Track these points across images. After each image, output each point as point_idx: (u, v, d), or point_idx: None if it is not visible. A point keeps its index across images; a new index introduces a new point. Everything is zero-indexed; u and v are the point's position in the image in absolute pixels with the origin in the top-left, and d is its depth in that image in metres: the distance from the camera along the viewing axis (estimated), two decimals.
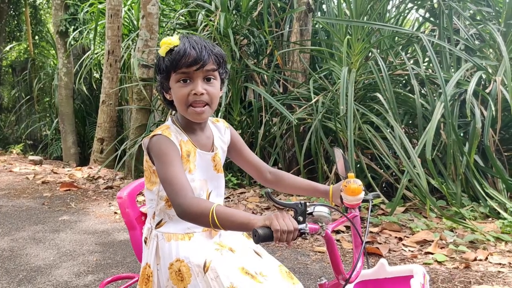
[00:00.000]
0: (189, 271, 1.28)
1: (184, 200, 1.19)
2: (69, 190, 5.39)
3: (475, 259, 3.02)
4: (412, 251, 3.22)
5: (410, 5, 5.87)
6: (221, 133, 1.51)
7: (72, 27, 8.32)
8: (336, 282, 1.29)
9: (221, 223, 1.12)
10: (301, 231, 1.06)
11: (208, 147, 1.44)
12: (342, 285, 1.25)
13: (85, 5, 8.06)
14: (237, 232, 1.48)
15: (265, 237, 1.02)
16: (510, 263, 2.94)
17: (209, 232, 1.40)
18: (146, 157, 1.38)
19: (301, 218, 1.07)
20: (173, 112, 1.46)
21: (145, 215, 1.53)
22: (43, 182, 5.81)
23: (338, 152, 1.45)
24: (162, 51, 1.34)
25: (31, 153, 9.83)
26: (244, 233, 1.48)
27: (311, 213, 1.17)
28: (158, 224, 1.39)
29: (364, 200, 1.41)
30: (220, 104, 4.77)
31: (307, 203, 1.10)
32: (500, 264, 2.94)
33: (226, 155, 1.56)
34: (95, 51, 8.21)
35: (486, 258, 3.04)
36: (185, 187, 1.22)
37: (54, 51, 10.70)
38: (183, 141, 1.36)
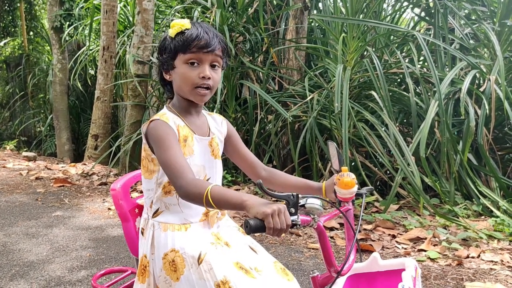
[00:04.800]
0: (183, 262, 1.28)
1: (183, 181, 1.20)
2: (62, 186, 5.37)
3: (467, 257, 3.04)
4: (405, 248, 3.24)
5: (405, 3, 5.89)
6: (217, 124, 1.53)
7: (67, 22, 8.27)
8: (328, 274, 1.30)
9: (216, 203, 1.13)
10: (293, 222, 1.06)
11: (205, 132, 1.46)
12: (334, 277, 1.26)
13: (81, 0, 8.03)
14: (233, 227, 1.49)
15: (256, 229, 1.02)
16: (502, 261, 2.96)
17: (207, 221, 1.40)
18: (144, 146, 1.39)
19: (293, 210, 1.07)
20: (168, 101, 1.47)
21: (138, 207, 1.53)
22: (36, 178, 5.78)
23: (332, 146, 1.45)
24: (172, 32, 1.37)
25: (25, 149, 9.77)
26: (240, 229, 1.49)
27: (303, 205, 1.17)
28: (155, 213, 1.39)
29: (358, 195, 1.42)
30: (215, 101, 4.76)
31: (300, 195, 1.09)
32: (492, 261, 2.97)
33: (222, 149, 1.56)
34: (90, 47, 8.16)
35: (479, 255, 3.06)
36: (184, 169, 1.23)
37: (49, 47, 10.63)
38: (180, 126, 1.37)
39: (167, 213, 1.38)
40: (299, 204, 1.11)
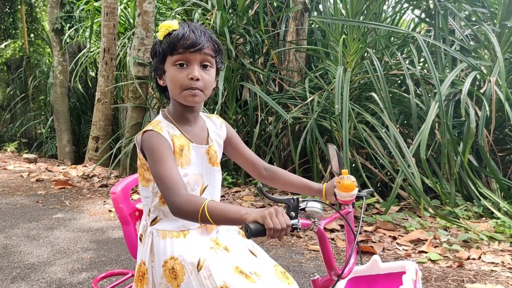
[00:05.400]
0: (182, 269, 1.27)
1: (176, 198, 1.18)
2: (63, 188, 5.37)
3: (468, 258, 3.04)
4: (406, 250, 3.24)
5: (405, 5, 5.89)
6: (216, 127, 1.50)
7: (68, 25, 8.29)
8: (328, 278, 1.30)
9: (213, 219, 1.12)
10: (293, 226, 1.06)
11: (203, 140, 1.42)
12: (335, 280, 1.26)
13: (81, 2, 8.04)
14: (234, 231, 1.47)
15: (256, 232, 1.02)
16: (503, 262, 2.96)
17: (205, 228, 1.39)
18: (139, 155, 1.36)
19: (293, 214, 1.07)
20: (165, 106, 1.45)
21: (139, 210, 1.53)
22: (37, 180, 5.78)
23: (332, 149, 1.45)
24: (160, 35, 1.33)
25: (25, 151, 9.77)
26: (240, 232, 1.48)
27: (303, 209, 1.17)
28: (153, 221, 1.38)
29: (359, 197, 1.42)
30: (215, 103, 4.76)
31: (300, 199, 1.10)
32: (493, 263, 2.96)
33: (222, 151, 1.55)
34: (91, 49, 8.18)
35: (479, 257, 3.05)
36: (177, 184, 1.21)
37: (49, 49, 10.65)
38: (175, 136, 1.34)
39: (166, 220, 1.37)
40: (300, 208, 1.11)
